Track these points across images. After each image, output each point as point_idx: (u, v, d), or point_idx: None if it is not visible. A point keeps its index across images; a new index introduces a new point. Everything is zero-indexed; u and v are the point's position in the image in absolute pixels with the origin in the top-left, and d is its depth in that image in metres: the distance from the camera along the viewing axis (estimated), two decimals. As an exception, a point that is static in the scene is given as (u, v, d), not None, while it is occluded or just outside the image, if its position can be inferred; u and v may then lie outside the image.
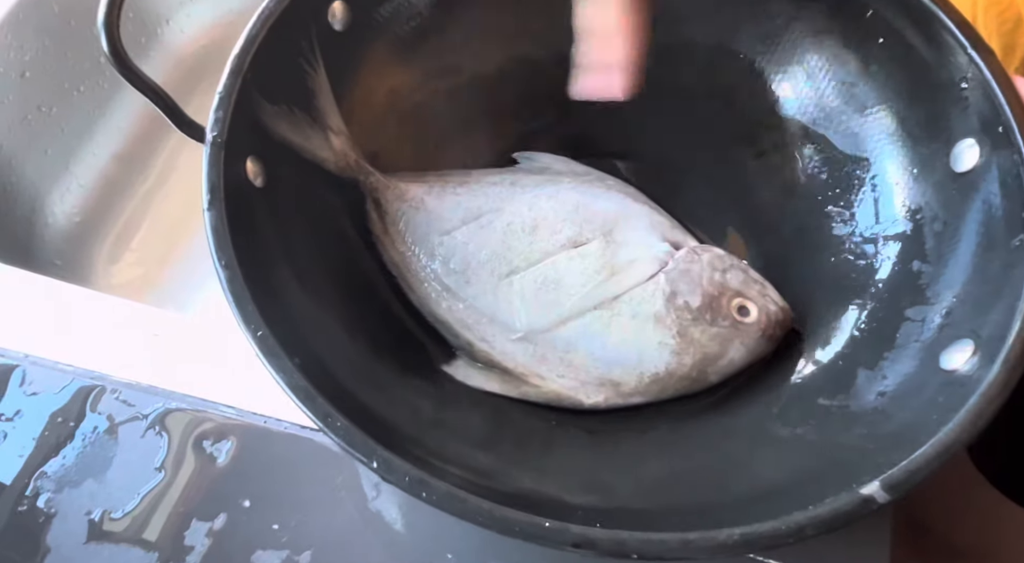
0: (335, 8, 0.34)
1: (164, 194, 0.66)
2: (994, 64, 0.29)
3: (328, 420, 0.24)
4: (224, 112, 0.29)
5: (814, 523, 0.23)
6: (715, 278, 0.33)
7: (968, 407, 0.25)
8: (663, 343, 0.32)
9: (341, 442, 0.24)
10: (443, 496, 0.23)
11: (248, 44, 0.30)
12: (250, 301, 0.25)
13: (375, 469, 0.23)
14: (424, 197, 0.36)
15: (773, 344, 0.33)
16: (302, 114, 0.32)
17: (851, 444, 0.28)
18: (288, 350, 0.25)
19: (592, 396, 0.32)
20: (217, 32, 0.71)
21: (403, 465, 0.23)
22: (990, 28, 0.44)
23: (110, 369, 0.37)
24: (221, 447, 0.35)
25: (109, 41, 0.27)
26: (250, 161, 0.29)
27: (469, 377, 0.33)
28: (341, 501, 0.34)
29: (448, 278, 0.34)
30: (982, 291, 0.28)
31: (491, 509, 0.23)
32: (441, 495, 0.23)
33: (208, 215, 0.27)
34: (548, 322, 0.33)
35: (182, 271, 0.61)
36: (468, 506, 0.23)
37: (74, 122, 0.62)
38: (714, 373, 0.32)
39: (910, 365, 0.29)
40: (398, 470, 0.23)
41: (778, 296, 0.33)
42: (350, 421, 0.24)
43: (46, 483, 0.35)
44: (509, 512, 0.23)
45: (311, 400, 0.24)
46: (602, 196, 0.36)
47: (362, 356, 0.30)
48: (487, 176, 0.37)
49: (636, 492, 0.28)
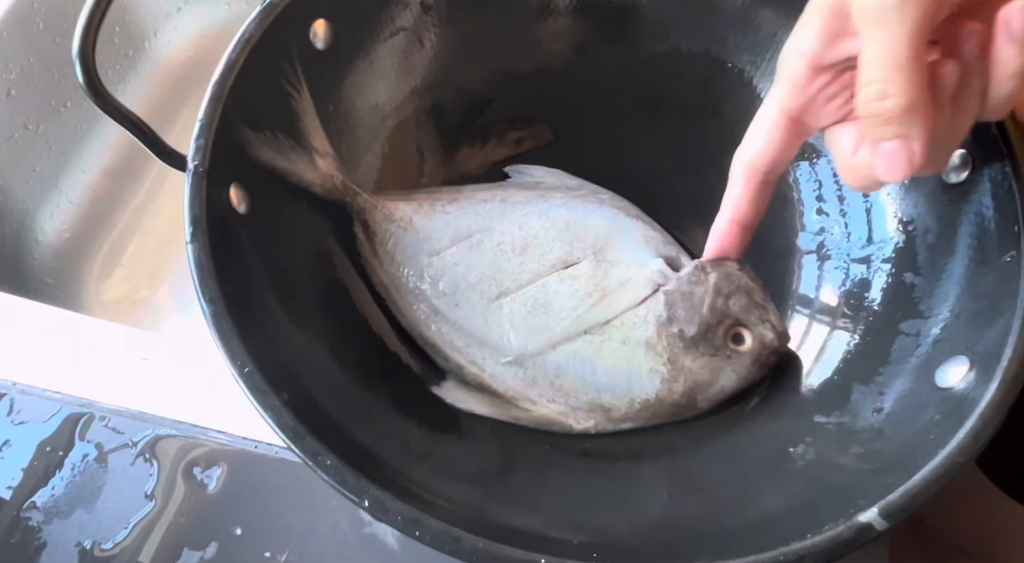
0: (317, 27, 0.33)
1: (154, 209, 0.66)
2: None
3: (318, 459, 0.24)
4: (205, 140, 0.28)
5: (814, 553, 0.23)
6: (717, 304, 0.32)
7: (966, 428, 0.25)
8: (653, 370, 0.32)
9: (332, 482, 0.23)
10: (437, 535, 0.23)
11: (228, 69, 0.29)
12: (235, 336, 0.25)
13: (367, 509, 0.23)
14: (413, 217, 0.35)
15: (766, 370, 0.32)
16: (286, 138, 0.32)
17: (848, 466, 0.28)
18: (275, 386, 0.25)
19: (582, 421, 0.32)
20: (205, 43, 0.71)
21: (395, 504, 0.23)
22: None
23: (99, 395, 0.37)
24: (211, 473, 0.35)
25: (85, 73, 0.26)
26: (233, 188, 0.29)
27: (459, 400, 0.32)
28: (334, 526, 0.34)
29: (437, 300, 0.34)
30: (976, 306, 0.28)
31: (486, 547, 0.22)
32: (434, 534, 0.23)
33: (191, 248, 0.26)
34: (538, 346, 0.33)
35: (174, 286, 0.61)
36: (462, 546, 0.23)
37: (62, 139, 0.61)
38: (704, 400, 0.32)
39: (906, 381, 0.29)
40: (390, 510, 0.23)
41: (779, 319, 0.32)
42: (340, 459, 0.23)
43: (35, 514, 0.34)
44: (505, 550, 0.22)
45: (300, 439, 0.24)
46: (594, 212, 0.36)
47: (352, 386, 0.30)
48: (477, 192, 0.37)
49: (632, 527, 0.27)
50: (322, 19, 0.33)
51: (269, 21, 0.30)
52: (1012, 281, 0.27)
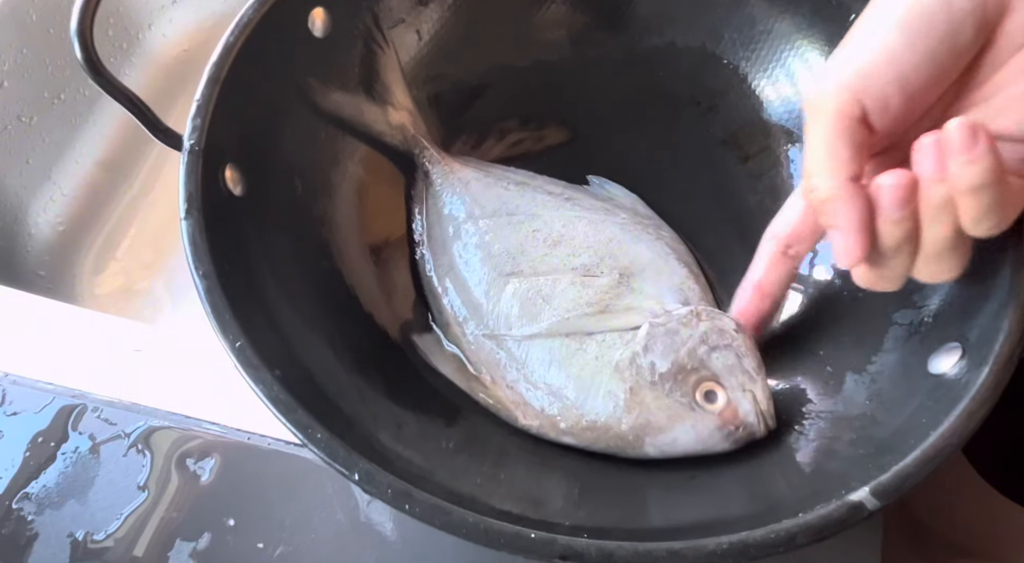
0: (315, 15, 0.33)
1: (150, 201, 0.65)
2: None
3: (308, 432, 0.23)
4: (202, 120, 0.28)
5: (805, 531, 0.23)
6: (698, 351, 0.30)
7: (957, 412, 0.25)
8: (611, 393, 0.30)
9: (323, 455, 0.23)
10: (427, 508, 0.23)
11: (226, 52, 0.29)
12: (228, 310, 0.25)
13: (357, 481, 0.23)
14: (471, 180, 0.36)
15: (732, 444, 0.30)
16: (361, 91, 0.35)
17: (842, 452, 0.28)
18: (268, 361, 0.25)
19: (528, 418, 0.31)
20: (200, 36, 0.70)
21: (386, 477, 0.23)
22: None
23: (92, 387, 0.37)
24: (205, 465, 0.35)
25: (83, 49, 0.26)
26: (229, 169, 0.29)
27: (431, 353, 0.33)
28: (327, 518, 0.34)
29: (458, 257, 0.35)
30: (968, 294, 0.28)
31: (476, 521, 0.22)
32: (425, 507, 0.23)
33: (185, 224, 0.26)
34: (520, 331, 0.33)
35: (169, 280, 0.61)
36: (453, 518, 0.22)
37: (55, 131, 0.61)
38: (652, 445, 0.30)
39: (899, 369, 0.29)
40: (381, 483, 0.23)
41: (765, 398, 0.30)
42: (332, 433, 0.23)
43: (28, 505, 0.34)
44: (494, 524, 0.22)
45: (291, 412, 0.24)
46: (645, 241, 0.35)
47: (345, 369, 0.30)
48: (549, 185, 0.38)
49: (624, 511, 0.27)
50: (321, 7, 0.33)
51: (268, 5, 0.31)
52: (1002, 269, 0.27)
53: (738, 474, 0.29)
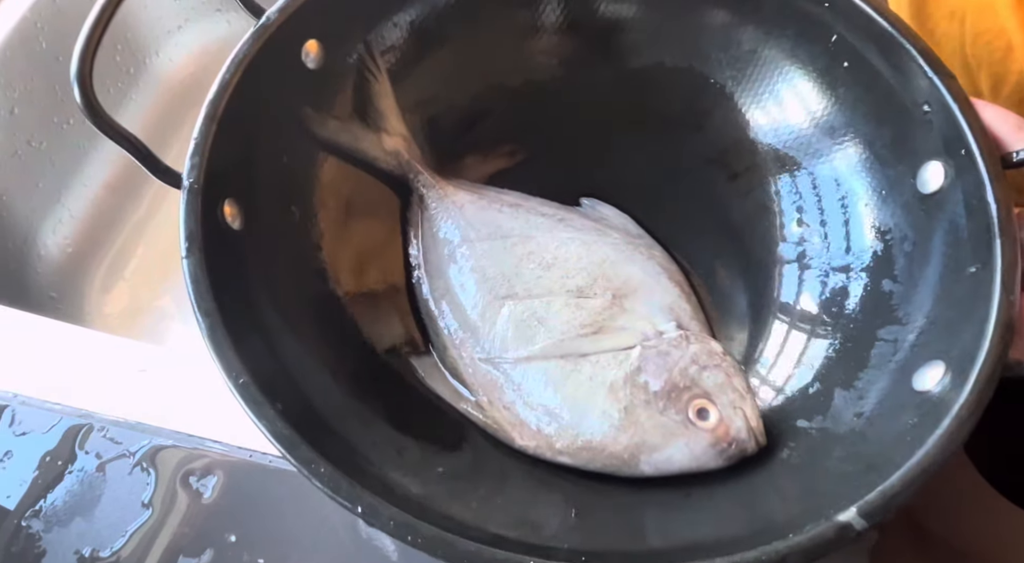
0: (308, 47, 0.34)
1: (156, 223, 0.67)
2: (955, 88, 0.30)
3: (312, 467, 0.24)
4: (200, 157, 0.29)
5: (796, 552, 0.23)
6: (689, 371, 0.31)
7: (941, 430, 0.25)
8: (606, 413, 0.31)
9: (326, 490, 0.24)
10: (430, 540, 0.23)
11: (222, 89, 0.30)
12: (230, 347, 0.26)
13: (360, 515, 0.24)
14: (466, 204, 0.37)
15: (725, 461, 0.30)
16: (355, 118, 0.36)
17: (832, 469, 0.28)
18: (270, 396, 0.25)
19: (525, 438, 0.32)
20: (205, 60, 0.72)
21: (389, 510, 0.24)
22: (980, 57, 0.42)
23: (98, 407, 0.38)
24: (207, 483, 0.36)
25: (82, 94, 0.27)
26: (227, 204, 0.30)
27: (429, 376, 0.34)
28: (329, 535, 0.34)
29: (453, 281, 0.36)
30: (952, 312, 0.29)
31: (479, 551, 0.23)
32: (428, 539, 0.23)
33: (187, 263, 0.27)
34: (515, 354, 0.33)
35: (176, 298, 0.62)
36: (456, 550, 0.23)
37: (64, 155, 0.62)
38: (647, 463, 0.30)
39: (885, 386, 0.30)
40: (384, 515, 0.23)
41: (755, 415, 0.31)
42: (334, 467, 0.24)
43: (36, 523, 0.35)
44: (497, 553, 0.23)
45: (295, 448, 0.24)
46: (637, 261, 0.36)
47: (346, 397, 0.30)
48: (542, 206, 0.38)
49: (622, 534, 0.28)
50: (314, 39, 0.34)
51: (262, 41, 0.31)
52: (985, 287, 0.27)
53: (732, 491, 0.30)
